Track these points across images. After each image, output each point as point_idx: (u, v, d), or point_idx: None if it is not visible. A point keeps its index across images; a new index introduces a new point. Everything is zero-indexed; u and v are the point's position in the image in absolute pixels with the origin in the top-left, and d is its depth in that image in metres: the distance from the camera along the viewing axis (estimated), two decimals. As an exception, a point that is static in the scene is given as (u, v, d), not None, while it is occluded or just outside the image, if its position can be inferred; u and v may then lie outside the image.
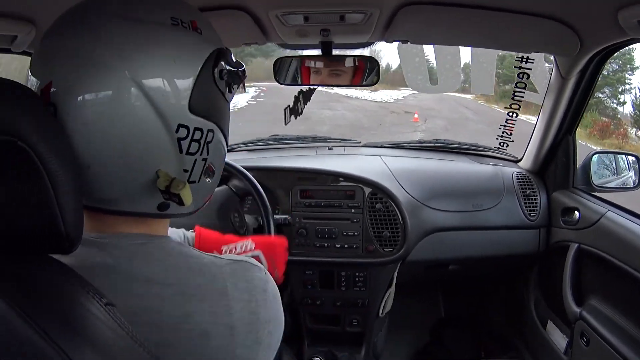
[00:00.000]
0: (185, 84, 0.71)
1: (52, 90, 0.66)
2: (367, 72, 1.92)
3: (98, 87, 0.66)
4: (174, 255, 0.75)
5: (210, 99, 0.75)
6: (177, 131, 0.71)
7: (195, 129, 0.73)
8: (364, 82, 1.94)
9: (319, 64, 1.92)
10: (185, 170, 0.75)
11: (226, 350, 0.71)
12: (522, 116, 2.44)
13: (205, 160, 0.77)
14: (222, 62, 0.76)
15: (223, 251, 1.39)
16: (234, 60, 0.80)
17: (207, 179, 0.80)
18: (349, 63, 1.91)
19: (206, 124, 0.75)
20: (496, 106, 20.91)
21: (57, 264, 0.64)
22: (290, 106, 2.32)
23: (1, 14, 1.31)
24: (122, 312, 0.62)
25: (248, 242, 1.43)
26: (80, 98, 0.66)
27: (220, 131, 0.79)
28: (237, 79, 0.80)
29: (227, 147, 0.86)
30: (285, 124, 2.58)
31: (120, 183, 0.71)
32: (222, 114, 0.80)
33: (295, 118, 2.49)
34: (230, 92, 0.80)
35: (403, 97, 25.34)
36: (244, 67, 0.83)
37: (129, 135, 0.68)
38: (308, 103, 2.41)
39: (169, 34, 0.70)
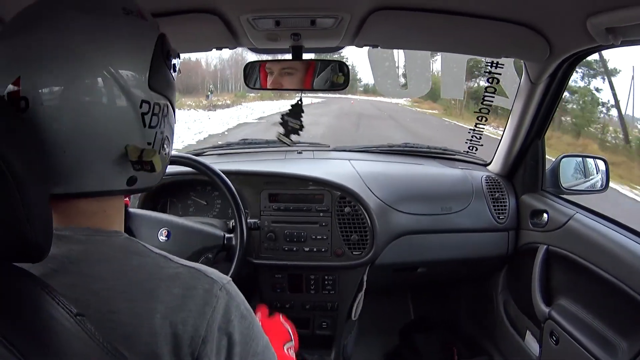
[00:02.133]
0: (144, 64, 0.78)
1: (21, 84, 0.69)
2: (318, 74, 1.86)
3: (70, 75, 0.71)
4: (117, 249, 0.77)
5: (163, 76, 0.82)
6: (140, 107, 0.77)
7: (155, 103, 0.80)
8: (315, 85, 1.87)
9: (274, 66, 1.90)
10: (149, 143, 0.81)
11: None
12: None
13: (162, 132, 0.84)
14: (167, 45, 0.84)
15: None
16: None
17: (166, 150, 0.87)
18: (304, 64, 1.86)
19: (162, 99, 0.82)
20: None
21: (22, 272, 0.63)
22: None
23: None
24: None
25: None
26: (53, 88, 0.70)
27: (172, 105, 0.87)
28: (175, 59, 0.88)
29: (176, 120, 0.93)
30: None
31: (94, 162, 0.75)
32: (172, 90, 0.87)
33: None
34: (175, 70, 0.88)
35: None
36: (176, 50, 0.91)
37: (101, 116, 0.73)
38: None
39: (124, 23, 0.77)
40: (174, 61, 0.87)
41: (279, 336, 1.48)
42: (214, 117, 22.56)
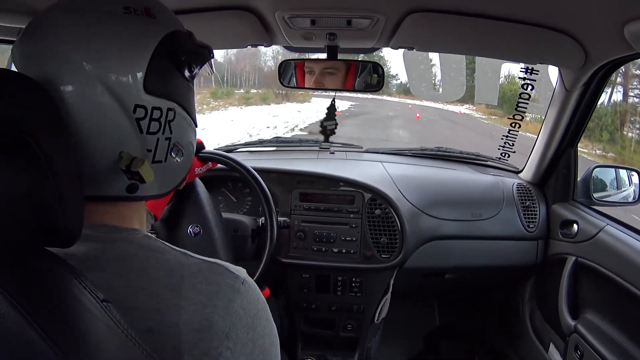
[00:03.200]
0: (138, 66, 0.74)
1: None
2: (359, 74, 1.90)
3: (60, 79, 0.69)
4: (136, 247, 0.75)
5: (166, 79, 0.78)
6: (134, 112, 0.74)
7: (154, 108, 0.76)
8: (356, 86, 1.92)
9: (315, 65, 1.92)
10: (149, 150, 0.77)
11: (174, 353, 0.69)
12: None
13: (169, 139, 0.80)
14: (178, 44, 0.79)
15: None
16: (195, 42, 0.83)
17: (176, 158, 0.83)
18: (346, 64, 1.89)
19: (165, 103, 0.78)
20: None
21: (52, 257, 0.64)
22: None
23: (9, 8, 1.32)
24: None
25: None
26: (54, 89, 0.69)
27: (183, 109, 0.82)
28: (196, 60, 0.83)
29: (196, 124, 0.89)
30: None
31: (90, 166, 0.73)
32: (182, 93, 0.82)
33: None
34: (190, 71, 0.83)
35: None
36: (211, 48, 0.86)
37: (92, 120, 0.71)
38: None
39: (120, 22, 0.73)
40: (192, 60, 0.82)
41: None
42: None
